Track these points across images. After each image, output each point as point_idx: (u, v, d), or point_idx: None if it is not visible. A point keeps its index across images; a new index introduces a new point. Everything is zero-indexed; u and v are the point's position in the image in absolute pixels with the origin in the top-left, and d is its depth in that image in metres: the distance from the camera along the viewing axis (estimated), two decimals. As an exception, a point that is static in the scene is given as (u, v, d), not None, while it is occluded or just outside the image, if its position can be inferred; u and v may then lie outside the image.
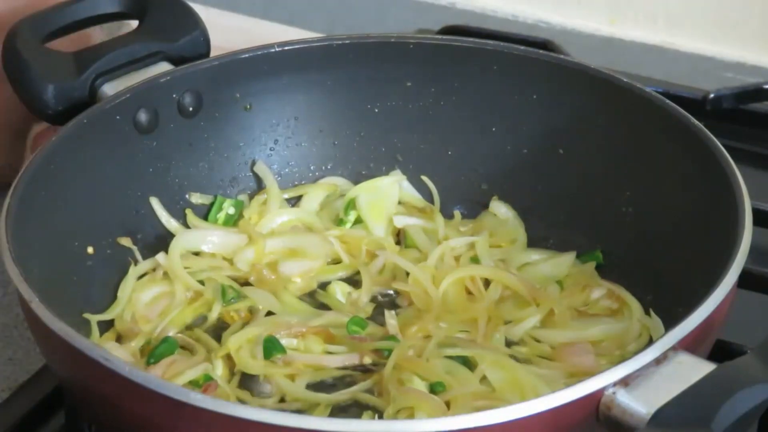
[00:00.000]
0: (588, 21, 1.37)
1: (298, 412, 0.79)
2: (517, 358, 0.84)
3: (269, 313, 0.88)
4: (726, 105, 1.12)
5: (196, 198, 0.97)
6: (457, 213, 1.00)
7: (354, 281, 0.93)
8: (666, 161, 0.90)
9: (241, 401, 0.80)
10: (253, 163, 0.99)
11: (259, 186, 0.99)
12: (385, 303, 0.91)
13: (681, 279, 0.85)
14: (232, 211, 0.97)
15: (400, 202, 0.99)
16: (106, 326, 0.87)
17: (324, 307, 0.90)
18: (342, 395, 0.81)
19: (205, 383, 0.80)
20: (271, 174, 0.99)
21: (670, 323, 0.72)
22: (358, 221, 0.98)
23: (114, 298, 0.89)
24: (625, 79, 0.93)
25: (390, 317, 0.87)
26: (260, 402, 0.81)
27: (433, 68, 0.98)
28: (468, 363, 0.82)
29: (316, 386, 0.82)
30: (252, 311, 0.89)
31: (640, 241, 0.91)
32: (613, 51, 1.32)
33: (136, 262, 0.91)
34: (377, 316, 0.89)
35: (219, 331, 0.87)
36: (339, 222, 0.98)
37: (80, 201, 0.87)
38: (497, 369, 0.81)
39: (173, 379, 0.79)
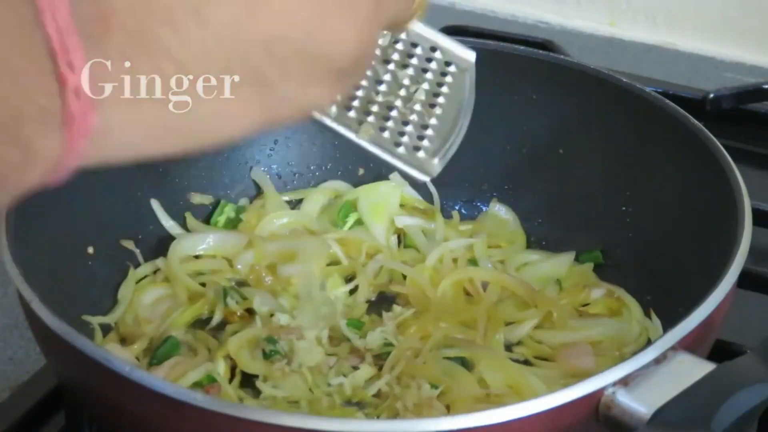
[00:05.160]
0: (588, 21, 1.37)
1: (298, 412, 0.80)
2: (516, 359, 0.85)
3: (269, 314, 0.88)
4: (726, 105, 1.12)
5: (197, 198, 0.97)
6: (456, 213, 1.00)
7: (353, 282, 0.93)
8: (666, 161, 0.90)
9: (242, 401, 0.80)
10: (251, 169, 0.99)
11: (260, 189, 0.99)
12: (383, 304, 0.91)
13: (681, 279, 0.85)
14: (232, 214, 0.97)
15: (401, 205, 0.99)
16: (109, 328, 0.87)
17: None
18: (341, 395, 0.81)
19: (207, 384, 0.80)
20: (269, 179, 0.99)
21: (669, 323, 0.72)
22: (359, 222, 0.98)
23: (114, 298, 0.89)
24: (625, 79, 0.93)
25: (388, 319, 0.87)
26: (260, 402, 0.81)
27: (433, 68, 0.98)
28: (466, 364, 0.82)
29: (315, 387, 0.82)
30: (251, 312, 0.89)
31: (639, 241, 0.91)
32: (613, 51, 1.33)
33: (136, 265, 0.91)
34: (375, 317, 0.89)
35: (220, 331, 0.88)
36: (338, 224, 0.98)
37: (80, 201, 0.87)
38: (495, 370, 0.81)
39: (177, 380, 0.79)
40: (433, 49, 0.66)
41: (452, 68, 0.66)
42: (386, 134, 0.62)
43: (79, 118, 0.44)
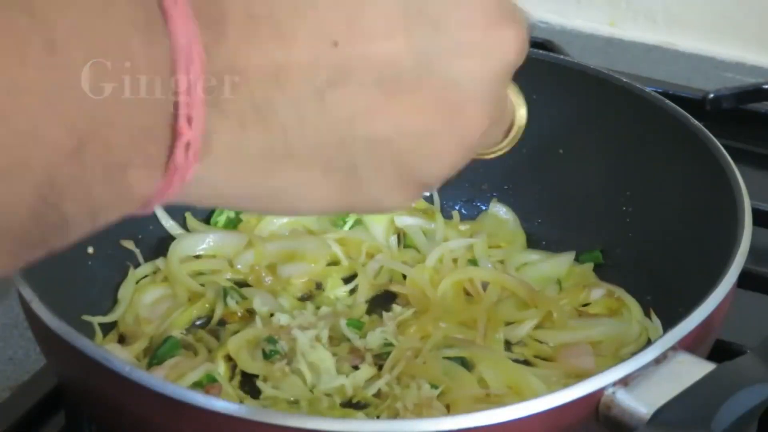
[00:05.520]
0: (588, 21, 1.37)
1: (298, 412, 0.80)
2: (516, 359, 0.85)
3: (269, 314, 0.88)
4: (726, 105, 1.12)
5: (197, 198, 0.97)
6: (456, 213, 1.00)
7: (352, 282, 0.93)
8: (666, 161, 0.90)
9: (242, 401, 0.80)
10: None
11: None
12: (383, 304, 0.91)
13: (681, 279, 0.85)
14: (232, 214, 0.97)
15: (401, 205, 0.99)
16: (109, 328, 0.87)
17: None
18: (341, 395, 0.81)
19: (207, 384, 0.80)
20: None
21: (669, 323, 0.72)
22: (359, 222, 0.98)
23: (114, 298, 0.89)
24: (624, 79, 0.93)
25: (388, 319, 0.87)
26: (260, 402, 0.81)
27: (433, 68, 0.98)
28: (466, 364, 0.82)
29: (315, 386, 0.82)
30: (251, 312, 0.89)
31: (639, 241, 0.91)
32: (613, 51, 1.33)
33: (136, 265, 0.91)
34: (375, 317, 0.89)
35: (220, 331, 0.88)
36: (338, 224, 0.98)
37: (80, 201, 0.87)
38: (495, 370, 0.81)
39: (177, 380, 0.79)
40: None
41: None
42: None
43: (182, 169, 0.44)
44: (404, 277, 0.92)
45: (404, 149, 0.49)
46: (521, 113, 0.60)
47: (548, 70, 0.96)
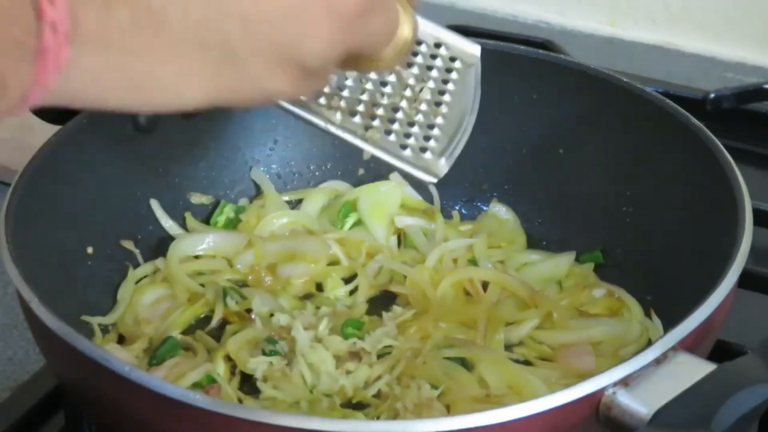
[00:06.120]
0: (588, 21, 1.37)
1: (298, 412, 0.80)
2: (516, 360, 0.85)
3: (269, 315, 0.88)
4: (726, 105, 1.12)
5: (197, 198, 0.97)
6: (456, 213, 1.00)
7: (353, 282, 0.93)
8: (666, 161, 0.90)
9: (242, 401, 0.80)
10: (251, 169, 0.99)
11: (260, 189, 0.99)
12: (383, 304, 0.91)
13: (681, 279, 0.85)
14: (232, 214, 0.97)
15: (401, 205, 0.99)
16: (109, 328, 0.87)
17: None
18: (341, 396, 0.81)
19: (207, 385, 0.80)
20: (268, 180, 0.99)
21: (670, 323, 0.72)
22: (359, 222, 0.98)
23: (114, 298, 0.89)
24: (625, 79, 0.93)
25: (388, 319, 0.87)
26: (260, 402, 0.81)
27: (433, 68, 0.98)
28: (466, 364, 0.82)
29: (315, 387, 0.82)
30: (251, 312, 0.89)
31: (640, 241, 0.91)
32: (613, 51, 1.33)
33: (135, 266, 0.91)
34: (375, 318, 0.89)
35: (220, 330, 0.88)
36: (338, 224, 0.98)
37: (80, 201, 0.87)
38: (495, 370, 0.81)
39: (177, 380, 0.79)
40: (438, 45, 0.65)
41: (457, 64, 0.65)
42: (392, 137, 0.61)
43: (53, 52, 0.44)
44: (404, 277, 0.92)
45: (277, 23, 0.49)
46: (408, 26, 0.60)
47: (548, 70, 0.96)
